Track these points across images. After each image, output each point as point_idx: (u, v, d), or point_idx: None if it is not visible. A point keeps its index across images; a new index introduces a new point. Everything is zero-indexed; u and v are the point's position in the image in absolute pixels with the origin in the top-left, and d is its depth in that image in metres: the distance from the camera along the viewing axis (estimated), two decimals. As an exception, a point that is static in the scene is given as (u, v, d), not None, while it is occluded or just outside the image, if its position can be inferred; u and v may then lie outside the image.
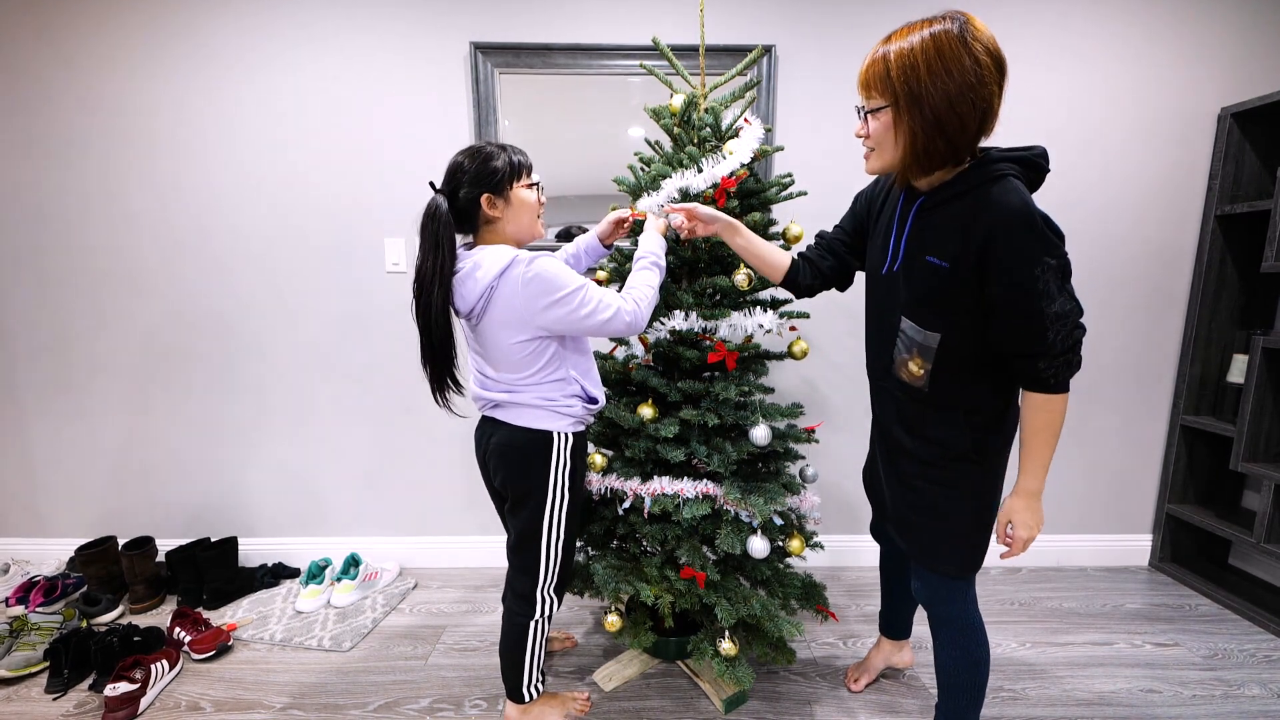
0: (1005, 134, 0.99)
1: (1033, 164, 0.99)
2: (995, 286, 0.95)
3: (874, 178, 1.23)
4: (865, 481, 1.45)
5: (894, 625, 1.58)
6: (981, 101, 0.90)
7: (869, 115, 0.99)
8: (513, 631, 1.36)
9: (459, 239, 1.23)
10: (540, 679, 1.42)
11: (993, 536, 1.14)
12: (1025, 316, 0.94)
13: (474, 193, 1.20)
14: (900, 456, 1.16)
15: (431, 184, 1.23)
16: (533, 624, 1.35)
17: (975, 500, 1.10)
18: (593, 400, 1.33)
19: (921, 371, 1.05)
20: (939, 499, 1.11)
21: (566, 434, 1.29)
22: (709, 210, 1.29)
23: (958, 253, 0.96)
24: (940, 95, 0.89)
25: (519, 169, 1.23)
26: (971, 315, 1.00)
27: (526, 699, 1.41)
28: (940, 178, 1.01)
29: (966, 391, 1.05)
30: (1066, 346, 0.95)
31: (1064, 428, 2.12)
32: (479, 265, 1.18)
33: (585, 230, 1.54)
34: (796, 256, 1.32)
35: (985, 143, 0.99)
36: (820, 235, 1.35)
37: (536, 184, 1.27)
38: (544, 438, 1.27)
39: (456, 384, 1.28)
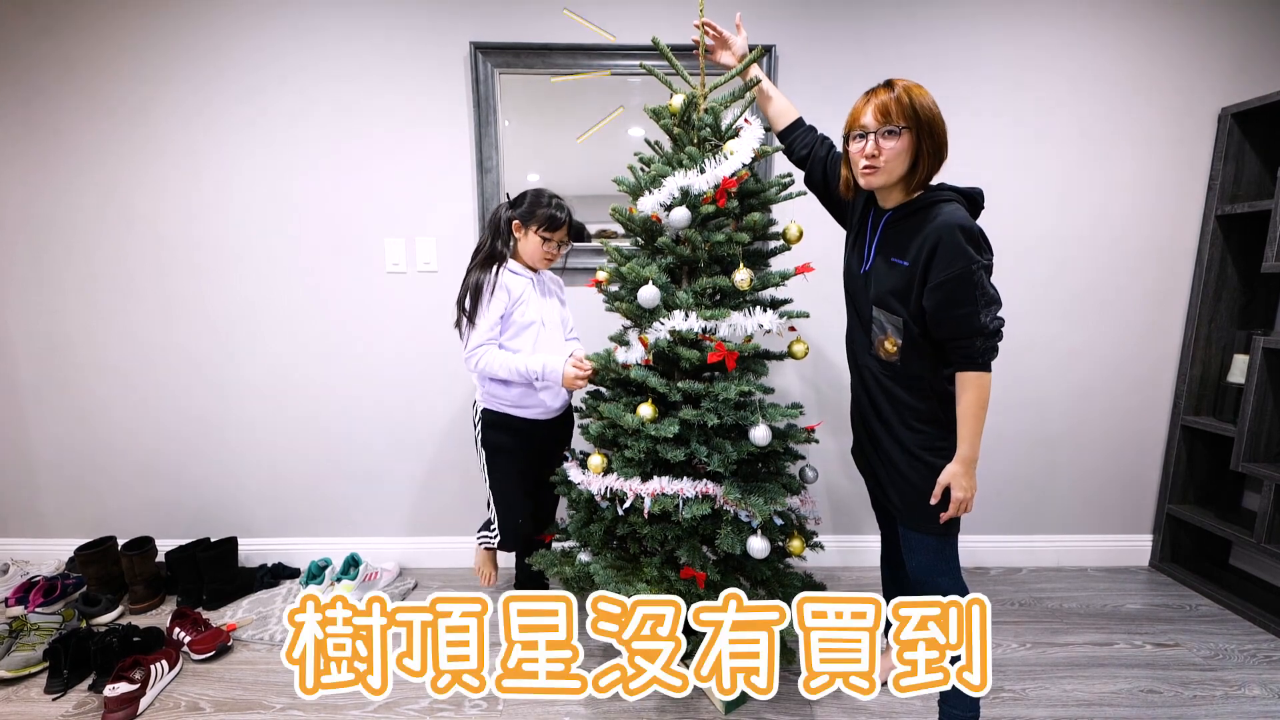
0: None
1: (971, 197, 1.25)
2: (939, 277, 1.15)
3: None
4: (856, 458, 1.55)
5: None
6: (945, 141, 1.19)
7: (884, 137, 1.17)
8: None
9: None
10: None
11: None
12: (964, 302, 1.15)
13: (512, 214, 1.67)
14: (882, 431, 1.34)
15: (507, 194, 1.71)
16: None
17: (945, 459, 1.26)
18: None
19: (895, 348, 1.28)
20: (915, 462, 1.29)
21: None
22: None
23: (915, 253, 1.19)
24: (939, 129, 1.18)
25: (544, 221, 1.63)
26: (922, 302, 1.22)
27: None
28: (902, 199, 1.25)
29: (926, 363, 1.27)
30: (995, 329, 1.17)
31: (1063, 428, 2.21)
32: None
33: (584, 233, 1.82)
34: (806, 123, 1.49)
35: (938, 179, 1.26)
36: (832, 150, 1.45)
37: (552, 240, 1.65)
38: None
39: None
